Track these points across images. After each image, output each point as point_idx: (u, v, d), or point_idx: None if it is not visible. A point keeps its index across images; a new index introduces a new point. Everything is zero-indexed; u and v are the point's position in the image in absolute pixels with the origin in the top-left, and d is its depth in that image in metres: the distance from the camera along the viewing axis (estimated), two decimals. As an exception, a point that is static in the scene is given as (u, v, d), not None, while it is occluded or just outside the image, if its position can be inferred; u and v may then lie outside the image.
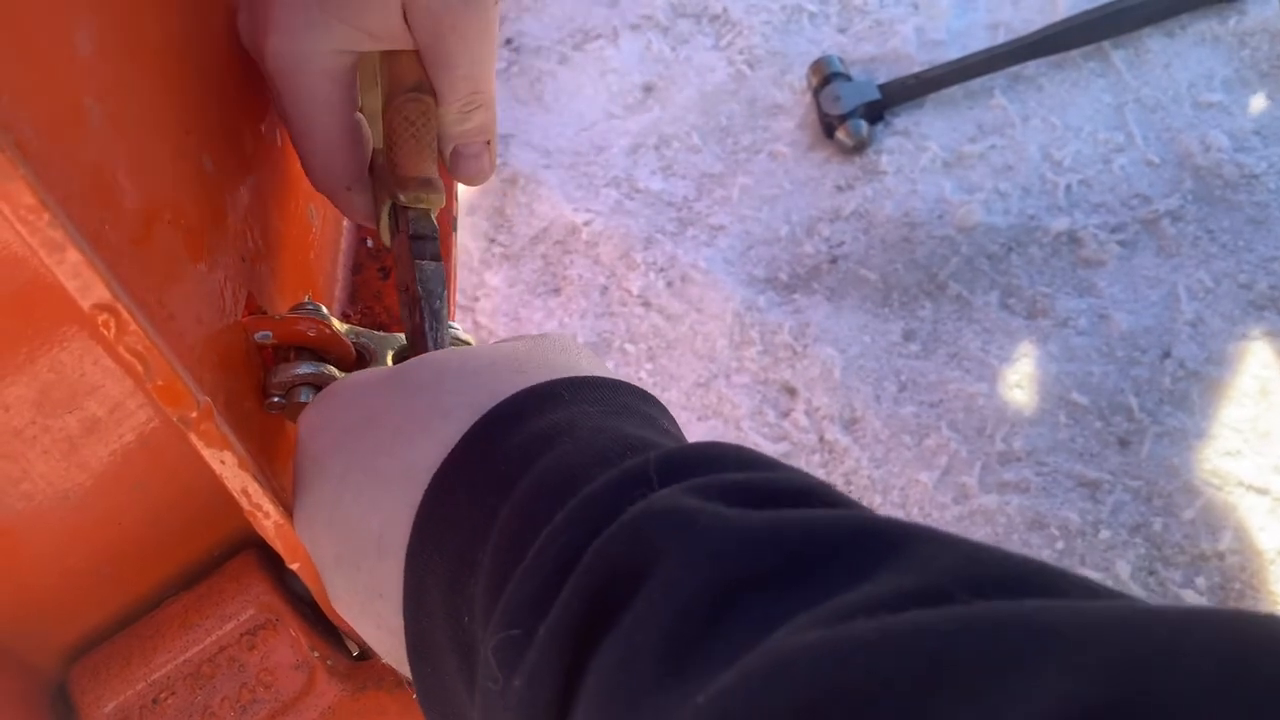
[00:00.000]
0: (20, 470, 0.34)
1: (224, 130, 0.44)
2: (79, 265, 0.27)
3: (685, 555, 0.23)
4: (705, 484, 0.26)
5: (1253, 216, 1.09)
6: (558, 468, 0.29)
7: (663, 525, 0.24)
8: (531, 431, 0.31)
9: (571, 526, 0.26)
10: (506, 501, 0.30)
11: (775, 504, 0.25)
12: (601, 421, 0.31)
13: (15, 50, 0.29)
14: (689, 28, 1.35)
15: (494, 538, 0.29)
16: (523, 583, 0.27)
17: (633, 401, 0.34)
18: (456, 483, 0.31)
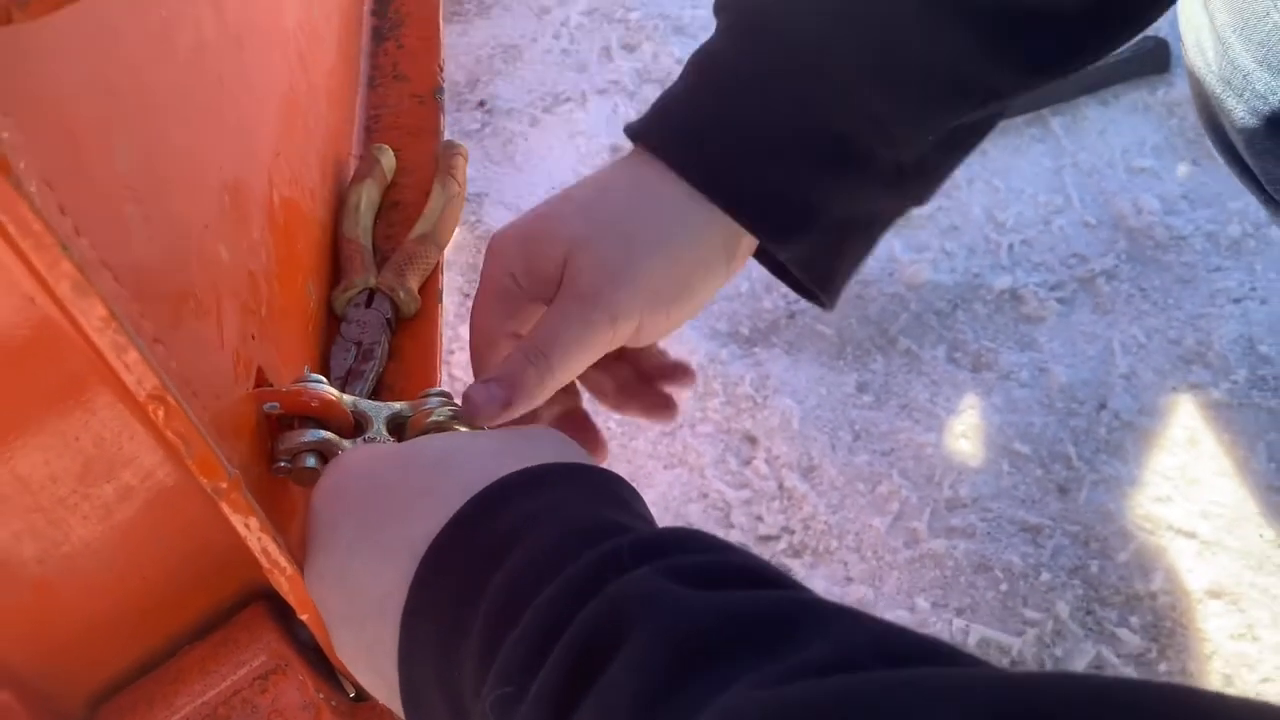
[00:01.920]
0: (62, 534, 0.39)
1: (236, 220, 0.49)
2: (137, 362, 0.32)
3: (653, 627, 0.28)
4: (671, 565, 0.31)
5: (1181, 276, 1.17)
6: (543, 549, 0.34)
7: (635, 600, 0.29)
8: (521, 512, 0.36)
9: (559, 598, 0.31)
10: (497, 575, 0.34)
11: (729, 584, 0.30)
12: (581, 507, 0.36)
13: (79, 177, 0.34)
14: (654, 92, 1.41)
15: (484, 607, 0.34)
16: (516, 646, 0.31)
17: (610, 487, 0.39)
18: (450, 556, 0.37)
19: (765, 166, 0.50)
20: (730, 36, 0.52)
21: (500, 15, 1.53)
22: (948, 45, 0.49)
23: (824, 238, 0.52)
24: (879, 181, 0.51)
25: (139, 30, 0.42)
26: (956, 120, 0.51)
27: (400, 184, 0.70)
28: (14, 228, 0.28)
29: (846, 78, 0.49)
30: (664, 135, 0.51)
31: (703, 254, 0.50)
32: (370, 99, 0.76)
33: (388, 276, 0.61)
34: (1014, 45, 0.49)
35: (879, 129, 0.49)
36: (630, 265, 0.49)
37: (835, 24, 0.49)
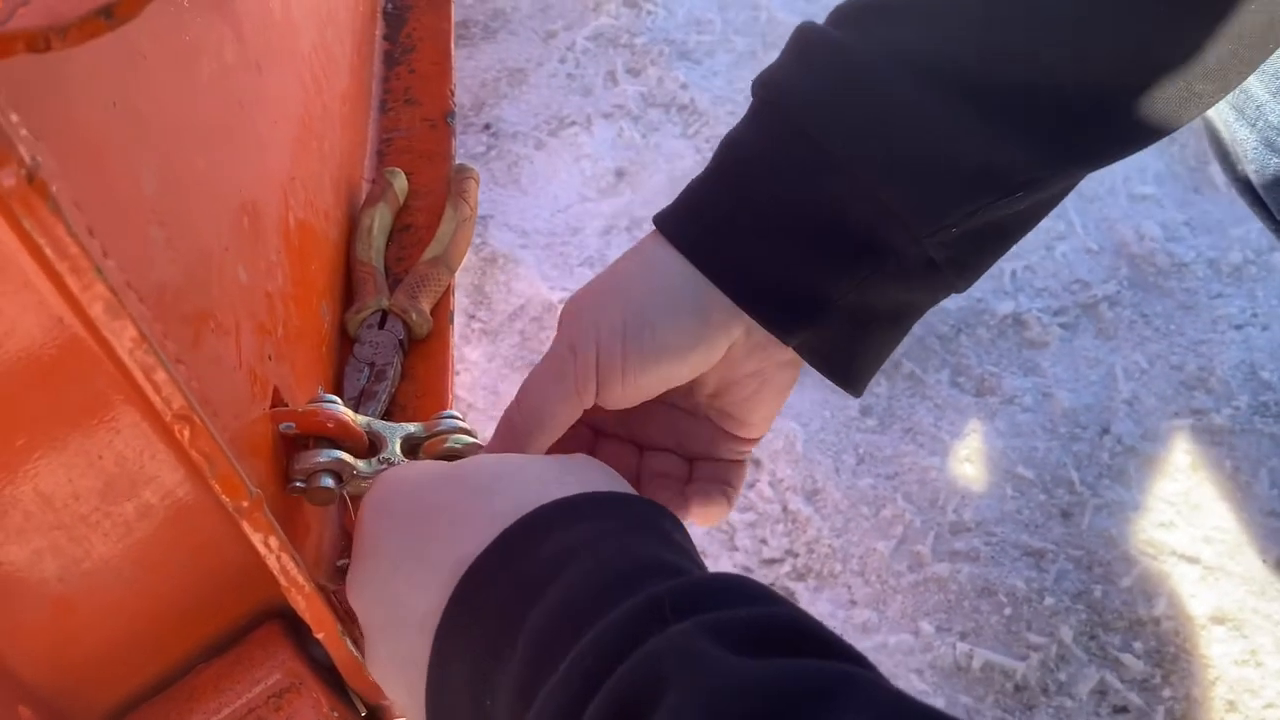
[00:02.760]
0: (83, 551, 0.39)
1: (254, 242, 0.49)
2: (165, 383, 0.32)
3: (692, 693, 0.28)
4: (714, 622, 0.31)
5: (1183, 302, 1.17)
6: (585, 587, 0.34)
7: (675, 662, 0.29)
8: (563, 542, 0.36)
9: (597, 649, 0.31)
10: (535, 609, 0.35)
11: (773, 645, 0.30)
12: (621, 540, 0.37)
13: (107, 200, 0.35)
14: (659, 117, 1.43)
15: (523, 640, 0.34)
16: (552, 697, 0.32)
17: (653, 518, 0.39)
18: (487, 581, 0.37)
19: (767, 252, 0.48)
20: (752, 122, 0.50)
21: (506, 39, 1.55)
22: (970, 134, 0.46)
23: (839, 329, 0.49)
24: (904, 274, 0.48)
25: (164, 55, 0.43)
26: (981, 212, 0.47)
27: (412, 207, 0.70)
28: (51, 250, 0.28)
29: (858, 167, 0.46)
30: (679, 221, 0.50)
31: (670, 300, 0.49)
32: (382, 123, 0.77)
33: (400, 298, 0.62)
34: (1048, 136, 0.46)
35: (894, 217, 0.47)
36: (596, 302, 0.49)
37: (840, 105, 0.47)
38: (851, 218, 0.47)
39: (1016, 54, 0.46)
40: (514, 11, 1.58)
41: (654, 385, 0.49)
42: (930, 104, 0.46)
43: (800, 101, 0.48)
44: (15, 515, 0.36)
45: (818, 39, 0.49)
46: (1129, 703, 0.91)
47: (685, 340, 0.49)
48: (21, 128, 0.28)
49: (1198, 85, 0.45)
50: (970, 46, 0.46)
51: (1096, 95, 0.46)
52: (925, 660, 0.95)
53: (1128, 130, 0.47)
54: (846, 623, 0.98)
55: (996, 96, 0.45)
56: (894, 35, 0.47)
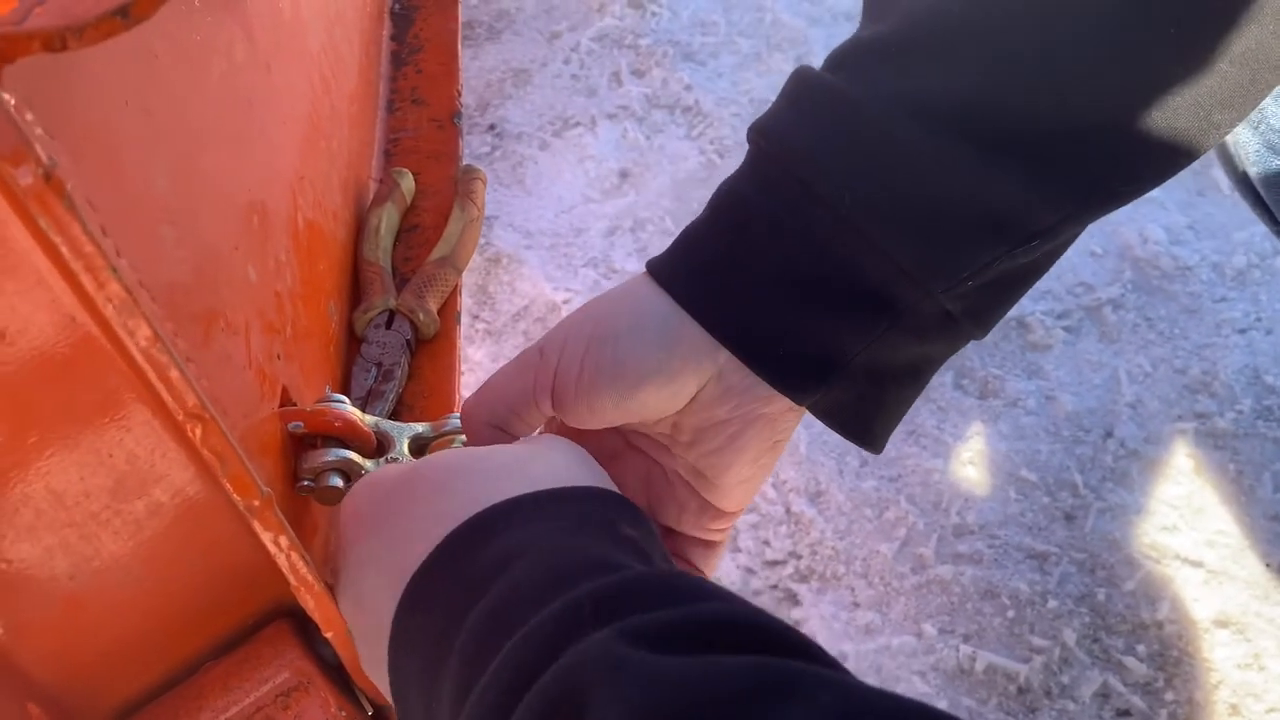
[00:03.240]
0: (93, 549, 0.39)
1: (264, 241, 0.50)
2: (178, 381, 0.32)
3: (612, 702, 0.27)
4: (635, 626, 0.30)
5: (1187, 306, 1.17)
6: (518, 590, 0.34)
7: (594, 671, 0.28)
8: (505, 544, 0.36)
9: (516, 659, 0.31)
10: (472, 612, 0.35)
11: (698, 641, 0.29)
12: (566, 538, 0.36)
13: (120, 199, 0.35)
14: (663, 118, 1.43)
15: (461, 641, 0.34)
16: (481, 697, 0.31)
17: (600, 512, 0.39)
18: (430, 588, 0.37)
19: (773, 306, 0.45)
20: (749, 169, 0.47)
21: (511, 40, 1.55)
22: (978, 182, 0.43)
23: (853, 388, 0.47)
24: (920, 328, 0.46)
25: (176, 55, 0.43)
26: (997, 263, 0.45)
27: (419, 207, 0.70)
28: (66, 249, 0.28)
29: (865, 223, 0.44)
30: (671, 266, 0.47)
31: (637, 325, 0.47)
32: (390, 123, 0.77)
33: (408, 298, 0.62)
34: (1061, 178, 0.44)
35: (907, 275, 0.44)
36: (575, 317, 0.48)
37: (847, 156, 0.44)
38: (861, 274, 0.45)
39: (1029, 98, 0.43)
40: (518, 12, 1.58)
41: (608, 405, 0.47)
42: (938, 154, 0.43)
43: (802, 153, 0.45)
44: (27, 513, 0.36)
45: (818, 85, 0.46)
46: (1132, 706, 0.91)
47: (646, 365, 0.46)
48: (37, 126, 0.28)
49: (1216, 115, 0.43)
50: (979, 92, 0.43)
51: (1114, 135, 0.43)
52: (928, 662, 0.95)
53: (1146, 168, 0.45)
54: (849, 625, 0.98)
55: (1009, 143, 0.43)
56: (898, 81, 0.44)
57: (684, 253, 0.47)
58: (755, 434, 0.48)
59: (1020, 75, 0.43)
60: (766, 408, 0.47)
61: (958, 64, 0.44)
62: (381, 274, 0.64)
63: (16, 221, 0.29)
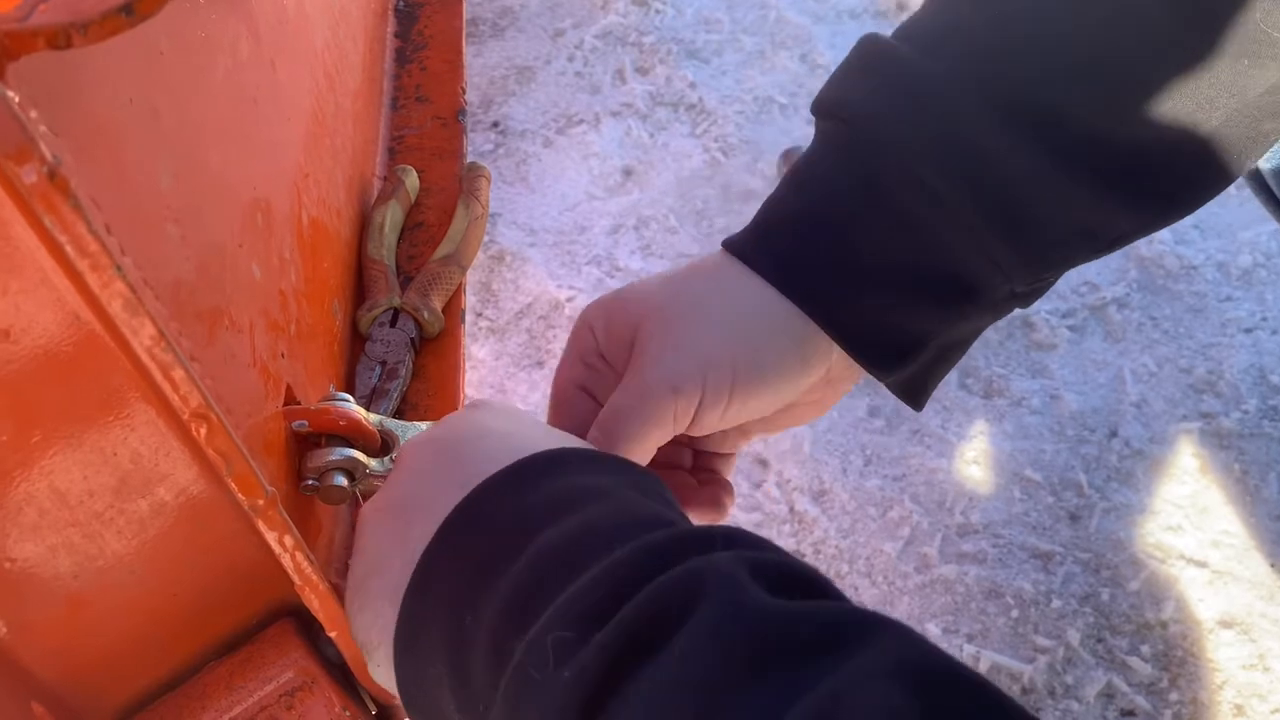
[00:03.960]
0: (97, 549, 0.39)
1: (268, 238, 0.49)
2: (183, 380, 0.32)
3: (736, 610, 0.29)
4: (755, 560, 0.32)
5: (1192, 305, 1.17)
6: (607, 518, 0.35)
7: (722, 581, 0.30)
8: (578, 485, 0.37)
9: (636, 560, 0.32)
10: (548, 531, 0.35)
11: (801, 591, 0.31)
12: (634, 496, 0.37)
13: (124, 197, 0.35)
14: (667, 116, 1.42)
15: (528, 557, 0.34)
16: (580, 596, 0.32)
17: (654, 485, 0.40)
18: (489, 504, 0.37)
19: (877, 300, 0.48)
20: (834, 150, 0.49)
21: (514, 37, 1.55)
22: (1074, 194, 0.46)
23: (926, 360, 0.50)
24: (991, 309, 0.49)
25: (180, 51, 0.42)
26: (1080, 263, 0.49)
27: (423, 205, 0.70)
28: (71, 247, 0.28)
29: (966, 220, 0.46)
30: (769, 253, 0.49)
31: (777, 344, 0.49)
32: (394, 120, 0.77)
33: (412, 296, 0.62)
34: (1140, 190, 0.46)
35: (998, 269, 0.47)
36: (696, 335, 0.48)
37: (956, 154, 0.46)
38: (955, 265, 0.47)
39: (1114, 106, 0.45)
40: (522, 9, 1.58)
41: (742, 420, 0.50)
42: (1039, 159, 0.45)
43: (908, 144, 0.46)
44: (30, 511, 0.36)
45: (910, 69, 0.47)
46: (1136, 706, 0.91)
47: (788, 383, 0.49)
48: (41, 124, 0.28)
49: (1266, 124, 0.46)
50: (1071, 96, 0.45)
51: (1180, 146, 0.46)
52: (932, 662, 0.95)
53: (1206, 178, 0.47)
54: (853, 624, 0.98)
55: (1101, 152, 0.46)
56: (995, 80, 0.46)
57: (778, 239, 0.49)
58: (832, 400, 0.53)
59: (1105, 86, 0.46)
60: (852, 382, 0.52)
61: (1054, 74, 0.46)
62: (386, 272, 0.64)
63: (20, 220, 0.29)
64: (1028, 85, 0.46)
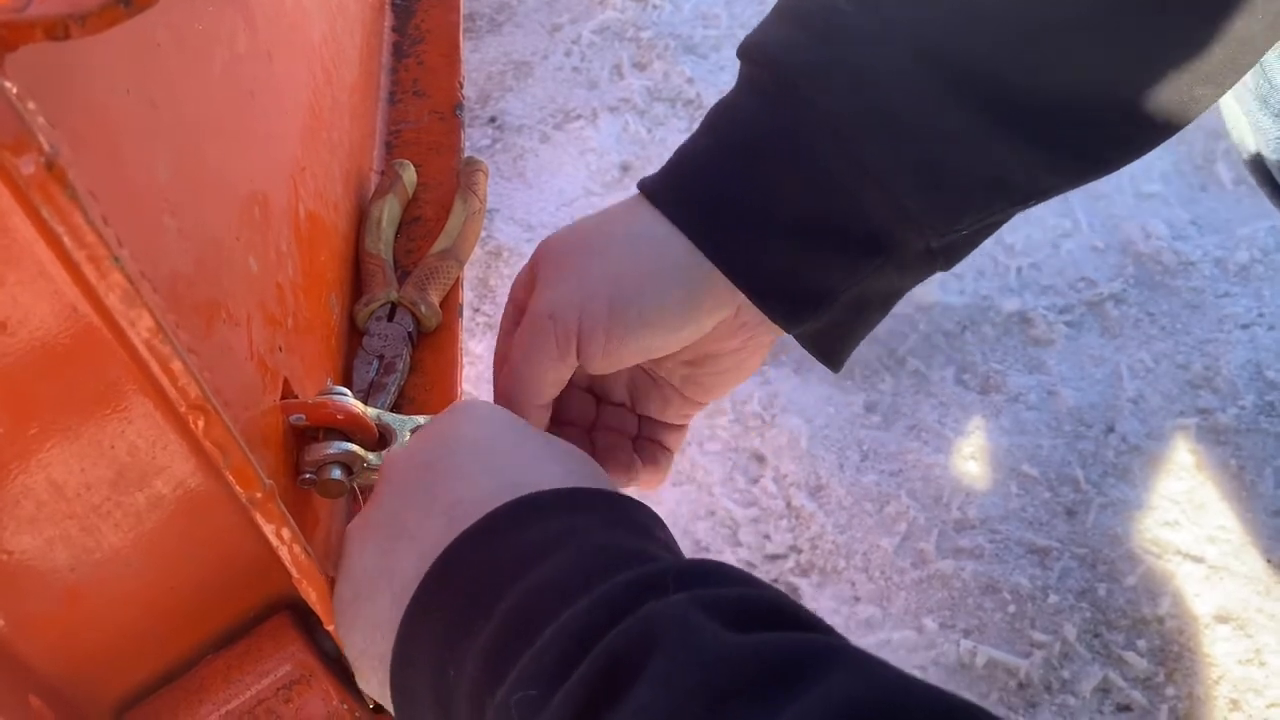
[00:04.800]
0: (94, 541, 0.39)
1: (265, 232, 0.49)
2: (181, 372, 0.32)
3: (689, 657, 0.29)
4: (709, 596, 0.31)
5: (1189, 301, 1.17)
6: (573, 568, 0.35)
7: (673, 628, 0.30)
8: (543, 532, 0.37)
9: (592, 613, 0.32)
10: (518, 584, 0.35)
11: (759, 621, 0.31)
12: (604, 535, 0.37)
13: (121, 189, 0.34)
14: (664, 111, 1.42)
15: (501, 611, 0.35)
16: (541, 655, 0.32)
17: (631, 514, 0.39)
18: (466, 561, 0.37)
19: (781, 248, 0.48)
20: (756, 95, 0.49)
21: (512, 32, 1.55)
22: (990, 146, 0.46)
23: (837, 316, 0.50)
24: (904, 263, 0.49)
25: (178, 44, 0.42)
26: (996, 216, 0.49)
27: (421, 199, 0.70)
28: (69, 239, 0.28)
29: (881, 169, 0.46)
30: (678, 196, 0.49)
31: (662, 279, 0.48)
32: (391, 115, 0.76)
33: (410, 291, 0.62)
34: (1062, 145, 0.46)
35: (911, 221, 0.47)
36: (580, 266, 0.49)
37: (869, 102, 0.46)
38: (865, 214, 0.47)
39: (1039, 63, 0.45)
40: (520, 4, 1.57)
41: (633, 357, 0.50)
42: (957, 111, 0.45)
43: (828, 97, 0.46)
44: (28, 504, 0.36)
45: (835, 18, 0.47)
46: (1132, 701, 0.91)
47: (671, 320, 0.49)
48: (39, 115, 0.28)
49: (1198, 89, 0.46)
50: (995, 51, 0.45)
51: (1112, 106, 0.46)
52: (929, 657, 0.95)
53: (1136, 137, 0.48)
54: (850, 619, 0.98)
55: (1022, 107, 0.46)
56: (913, 25, 0.46)
57: (698, 187, 0.49)
58: (758, 355, 0.54)
59: (1034, 44, 0.45)
60: (770, 334, 0.52)
61: (974, 21, 0.45)
62: (383, 266, 0.64)
63: (18, 211, 0.29)
64: (953, 36, 0.45)
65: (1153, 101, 0.46)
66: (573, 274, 0.49)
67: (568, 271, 0.49)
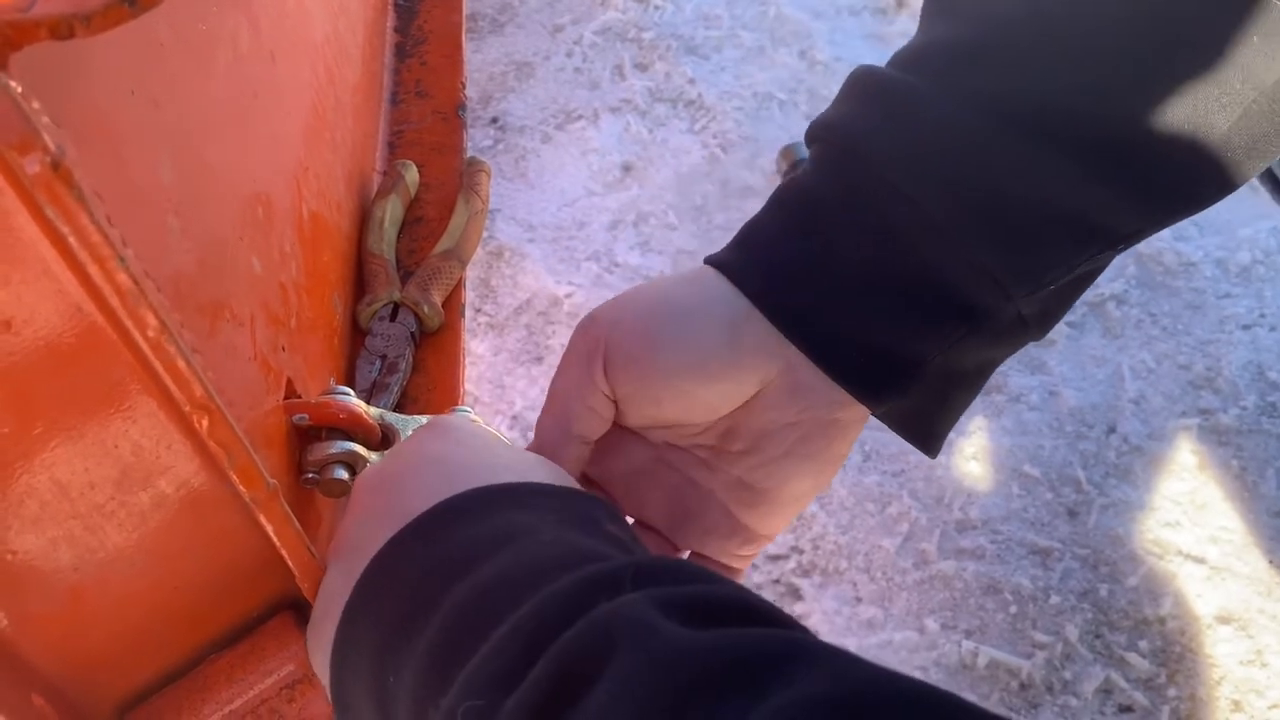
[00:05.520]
0: (98, 541, 0.39)
1: (268, 232, 0.49)
2: (185, 372, 0.32)
3: (648, 658, 0.28)
4: (665, 595, 0.30)
5: (1190, 302, 1.17)
6: (519, 564, 0.33)
7: (630, 628, 0.29)
8: (485, 530, 0.36)
9: (542, 614, 0.31)
10: (458, 586, 0.34)
11: (720, 618, 0.30)
12: (558, 531, 0.36)
13: (125, 188, 0.35)
14: (666, 112, 1.42)
15: (440, 615, 0.33)
16: (489, 660, 0.31)
17: (584, 510, 0.38)
18: (401, 559, 0.36)
19: (859, 316, 0.44)
20: (823, 169, 0.46)
21: (513, 33, 1.55)
22: (1063, 187, 0.43)
23: (925, 394, 0.46)
24: (994, 333, 0.44)
25: (181, 44, 0.42)
26: (1081, 268, 0.44)
27: (423, 200, 0.70)
28: (73, 238, 0.28)
29: (951, 229, 0.43)
30: (744, 266, 0.45)
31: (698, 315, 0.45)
32: (393, 115, 0.77)
33: (412, 291, 0.62)
34: (1153, 186, 0.43)
35: (990, 281, 0.43)
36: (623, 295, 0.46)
37: (935, 160, 0.43)
38: (947, 279, 0.43)
39: (1117, 101, 0.42)
40: (521, 5, 1.57)
41: (662, 388, 0.45)
42: (1030, 159, 0.42)
43: (886, 154, 0.44)
44: (32, 504, 0.36)
45: (890, 84, 0.45)
46: (1134, 702, 0.91)
47: (708, 348, 0.44)
48: (44, 115, 0.28)
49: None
50: (1063, 95, 0.42)
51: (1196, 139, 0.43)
52: (930, 658, 0.95)
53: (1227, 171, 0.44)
54: (851, 619, 0.98)
55: (1102, 149, 0.42)
56: (977, 82, 0.43)
57: (751, 248, 0.46)
58: (825, 441, 0.46)
59: (1102, 79, 0.42)
60: (839, 412, 0.45)
61: (1039, 67, 0.43)
62: (386, 266, 0.64)
63: (23, 210, 0.29)
64: (1019, 83, 0.43)
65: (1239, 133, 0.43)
66: (617, 300, 0.46)
67: (614, 301, 0.46)
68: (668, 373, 0.44)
